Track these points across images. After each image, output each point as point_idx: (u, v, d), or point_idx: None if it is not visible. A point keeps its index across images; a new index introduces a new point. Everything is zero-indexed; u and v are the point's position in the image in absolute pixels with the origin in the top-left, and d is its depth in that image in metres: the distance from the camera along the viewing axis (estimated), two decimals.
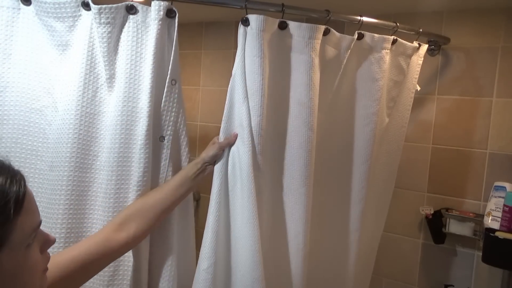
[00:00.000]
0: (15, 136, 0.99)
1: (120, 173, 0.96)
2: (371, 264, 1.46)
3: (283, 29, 1.00)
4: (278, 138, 1.05)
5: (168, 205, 0.95)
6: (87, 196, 0.98)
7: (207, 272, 0.95)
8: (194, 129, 2.05)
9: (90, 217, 0.99)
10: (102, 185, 0.97)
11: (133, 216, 0.90)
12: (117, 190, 0.97)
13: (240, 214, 0.97)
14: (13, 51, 0.98)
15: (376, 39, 1.15)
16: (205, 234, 0.97)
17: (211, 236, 0.96)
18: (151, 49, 0.93)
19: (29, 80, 0.98)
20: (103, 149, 0.98)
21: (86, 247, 0.82)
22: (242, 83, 0.96)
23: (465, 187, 1.52)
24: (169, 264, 1.01)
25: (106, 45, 0.94)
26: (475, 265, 1.51)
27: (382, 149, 1.32)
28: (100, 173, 0.98)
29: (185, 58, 2.04)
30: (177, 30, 0.94)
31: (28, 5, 0.97)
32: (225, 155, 0.99)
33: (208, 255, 0.95)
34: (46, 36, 0.98)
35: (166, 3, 0.92)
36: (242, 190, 0.97)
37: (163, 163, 1.00)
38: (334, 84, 1.13)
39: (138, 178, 0.95)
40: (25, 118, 0.99)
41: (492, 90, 1.46)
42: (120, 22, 0.94)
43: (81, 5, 0.95)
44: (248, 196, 0.96)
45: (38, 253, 0.57)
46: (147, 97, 0.93)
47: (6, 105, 0.98)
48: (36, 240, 0.56)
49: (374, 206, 1.34)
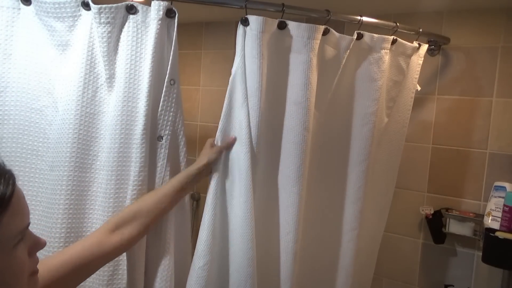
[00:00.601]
0: (16, 136, 0.99)
1: (119, 173, 0.96)
2: (373, 264, 1.46)
3: (282, 29, 1.00)
4: (273, 137, 1.06)
5: (164, 208, 0.95)
6: (87, 196, 0.98)
7: (202, 270, 0.96)
8: (194, 129, 2.05)
9: (90, 217, 0.99)
10: (102, 185, 0.98)
11: (127, 220, 0.90)
12: (117, 190, 0.97)
13: (237, 213, 0.98)
14: (13, 51, 0.98)
15: (376, 39, 1.15)
16: (201, 232, 0.97)
17: (207, 234, 0.97)
18: (150, 49, 0.93)
19: (29, 80, 0.98)
20: (103, 149, 0.98)
21: (78, 249, 0.81)
22: (242, 84, 0.97)
23: (465, 187, 1.52)
24: (166, 264, 1.00)
25: (106, 45, 0.94)
26: (475, 265, 1.51)
27: (382, 149, 1.32)
28: (100, 173, 0.98)
29: (185, 58, 2.04)
30: (176, 30, 0.94)
31: (28, 5, 0.97)
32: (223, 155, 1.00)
33: (204, 253, 0.96)
34: (46, 36, 0.98)
35: (166, 3, 0.92)
36: (240, 190, 0.97)
37: (161, 163, 1.00)
38: (333, 84, 1.13)
39: (133, 178, 0.95)
40: (25, 118, 0.99)
41: (492, 90, 1.46)
42: (120, 22, 0.94)
43: (81, 5, 0.95)
44: (246, 195, 0.96)
45: (25, 255, 0.55)
46: (145, 97, 0.94)
47: (7, 105, 0.98)
48: (24, 242, 0.55)
49: (374, 205, 1.34)
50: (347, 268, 1.26)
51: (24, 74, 0.98)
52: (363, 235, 1.27)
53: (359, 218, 1.23)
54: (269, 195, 1.08)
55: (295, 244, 1.08)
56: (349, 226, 1.24)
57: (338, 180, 1.23)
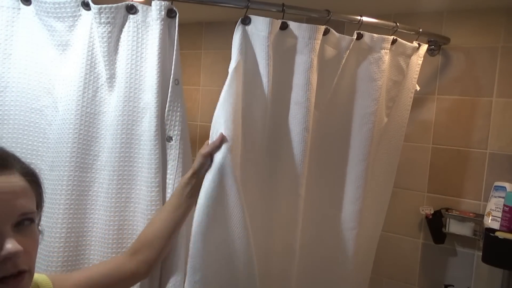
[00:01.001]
0: (15, 136, 0.99)
1: (121, 173, 0.96)
2: (370, 263, 1.46)
3: (283, 30, 1.00)
4: (274, 137, 1.06)
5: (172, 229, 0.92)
6: (88, 196, 0.98)
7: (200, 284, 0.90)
8: (194, 129, 2.05)
9: (91, 217, 0.99)
10: (103, 184, 0.97)
11: (144, 245, 0.90)
12: (119, 190, 0.97)
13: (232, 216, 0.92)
14: (13, 51, 0.98)
15: (375, 39, 1.15)
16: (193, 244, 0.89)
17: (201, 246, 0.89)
18: (155, 49, 0.93)
19: (29, 80, 0.98)
20: (104, 149, 0.98)
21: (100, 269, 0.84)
22: (243, 84, 0.96)
23: (465, 187, 1.52)
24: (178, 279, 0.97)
25: (106, 45, 0.94)
26: (475, 265, 1.51)
27: (381, 149, 1.32)
28: (101, 172, 0.98)
29: (185, 58, 2.04)
30: (178, 30, 0.94)
31: (28, 5, 0.97)
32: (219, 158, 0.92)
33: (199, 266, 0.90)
34: (46, 36, 0.98)
35: (167, 3, 0.92)
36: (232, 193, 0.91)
37: (172, 163, 0.98)
38: (333, 84, 1.13)
39: (149, 179, 0.94)
40: (25, 118, 0.99)
41: (492, 90, 1.46)
42: (120, 22, 0.94)
43: (81, 5, 0.95)
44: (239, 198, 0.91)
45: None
46: (154, 97, 0.93)
47: (6, 105, 0.98)
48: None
49: (372, 205, 1.34)
50: (346, 267, 1.26)
51: (24, 74, 0.98)
52: (361, 234, 1.27)
53: (358, 218, 1.24)
54: (269, 195, 1.08)
55: (295, 243, 1.08)
56: (348, 226, 1.24)
57: (338, 180, 1.23)
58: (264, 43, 0.94)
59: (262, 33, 0.93)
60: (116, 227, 0.98)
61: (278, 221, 1.09)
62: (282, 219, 1.08)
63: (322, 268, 1.27)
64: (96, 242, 0.98)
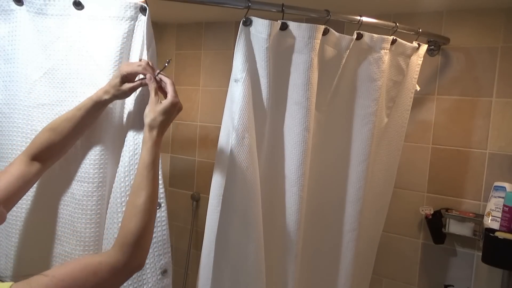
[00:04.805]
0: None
1: None
2: (371, 264, 1.46)
3: (283, 30, 1.00)
4: (274, 137, 1.06)
5: (78, 125, 0.89)
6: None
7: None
8: (194, 129, 2.05)
9: None
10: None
11: (43, 149, 0.87)
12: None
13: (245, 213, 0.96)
14: (11, 51, 0.98)
15: (375, 39, 1.15)
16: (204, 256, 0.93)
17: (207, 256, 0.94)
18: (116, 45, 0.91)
19: (27, 79, 0.98)
20: None
21: (4, 186, 0.82)
22: (245, 85, 0.96)
23: (465, 187, 1.52)
24: None
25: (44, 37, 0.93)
26: (475, 265, 1.51)
27: (381, 149, 1.32)
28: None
29: (185, 58, 2.04)
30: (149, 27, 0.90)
31: (21, 6, 0.97)
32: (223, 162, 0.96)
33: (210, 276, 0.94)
34: (38, 35, 0.97)
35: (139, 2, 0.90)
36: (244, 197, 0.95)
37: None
38: (333, 84, 1.13)
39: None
40: (20, 117, 0.99)
41: (492, 90, 1.46)
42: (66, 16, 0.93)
43: (73, 4, 0.94)
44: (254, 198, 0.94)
45: None
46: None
47: (6, 104, 0.98)
48: None
49: (373, 205, 1.34)
50: (347, 268, 1.26)
51: (23, 73, 0.98)
52: (362, 235, 1.27)
53: (359, 219, 1.24)
54: (269, 196, 1.08)
55: (296, 245, 1.08)
56: (349, 227, 1.24)
57: (338, 180, 1.23)
58: (263, 45, 0.94)
59: (261, 35, 0.93)
60: None
61: (278, 222, 1.09)
62: (283, 220, 1.08)
63: (323, 269, 1.27)
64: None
